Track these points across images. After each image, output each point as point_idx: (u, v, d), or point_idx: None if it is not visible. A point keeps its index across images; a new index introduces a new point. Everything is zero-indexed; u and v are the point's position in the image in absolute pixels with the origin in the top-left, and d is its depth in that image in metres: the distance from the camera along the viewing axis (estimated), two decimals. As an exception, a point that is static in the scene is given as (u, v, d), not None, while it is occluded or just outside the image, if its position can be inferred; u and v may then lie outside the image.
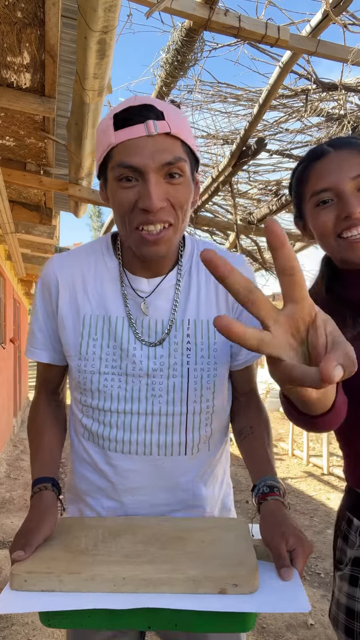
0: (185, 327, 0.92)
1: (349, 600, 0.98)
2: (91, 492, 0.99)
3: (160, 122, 0.78)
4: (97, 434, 0.95)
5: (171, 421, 0.92)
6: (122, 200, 0.81)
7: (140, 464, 0.94)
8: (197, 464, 0.96)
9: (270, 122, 3.27)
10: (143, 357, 0.91)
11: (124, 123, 0.78)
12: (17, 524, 4.09)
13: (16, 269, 6.59)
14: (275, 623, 2.66)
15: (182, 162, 0.81)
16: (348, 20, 2.27)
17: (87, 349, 0.91)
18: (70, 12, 1.99)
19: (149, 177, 0.78)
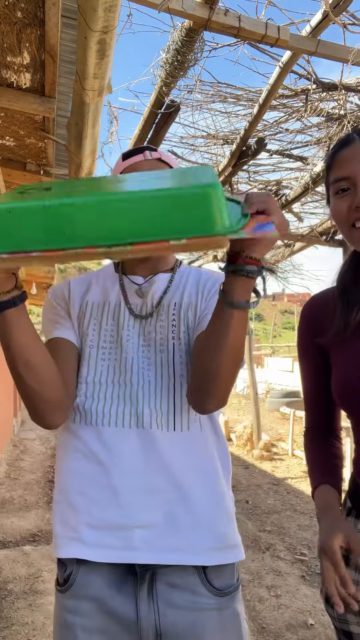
0: (172, 308, 1.05)
1: None
2: (80, 486, 0.97)
3: (154, 153, 1.07)
4: (89, 411, 0.98)
5: (160, 393, 0.98)
6: None
7: (132, 439, 0.95)
8: (189, 445, 0.98)
9: (270, 122, 3.27)
10: (135, 333, 1.03)
11: (129, 155, 1.07)
12: (17, 524, 4.10)
13: (16, 269, 6.58)
14: (275, 623, 2.66)
15: None
16: (348, 20, 2.27)
17: (87, 326, 1.04)
18: (70, 12, 1.99)
19: None
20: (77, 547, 0.95)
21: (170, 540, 0.94)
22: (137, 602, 0.93)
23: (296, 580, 3.17)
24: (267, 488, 5.24)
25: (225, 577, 0.98)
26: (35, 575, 3.15)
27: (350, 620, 1.02)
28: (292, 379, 13.53)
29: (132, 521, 0.94)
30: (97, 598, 0.94)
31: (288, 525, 4.16)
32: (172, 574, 0.95)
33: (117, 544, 0.93)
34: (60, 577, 0.99)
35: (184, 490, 0.96)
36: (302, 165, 3.80)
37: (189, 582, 0.95)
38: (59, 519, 1.00)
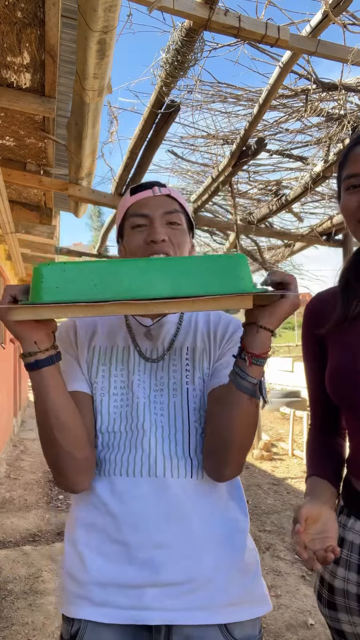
0: (184, 352, 1.04)
1: (330, 576, 1.05)
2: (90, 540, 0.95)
3: (163, 188, 1.05)
4: (102, 460, 0.97)
5: (173, 439, 0.96)
6: (136, 240, 1.01)
7: (144, 489, 0.92)
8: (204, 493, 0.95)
9: (270, 122, 3.27)
10: (146, 378, 1.00)
11: (137, 191, 1.06)
12: (17, 524, 4.10)
13: (16, 269, 6.59)
14: (275, 623, 2.66)
15: (180, 214, 1.04)
16: (348, 20, 2.27)
17: (96, 373, 1.01)
18: (70, 12, 1.99)
19: (154, 219, 1.01)
20: (86, 608, 0.92)
21: (184, 599, 0.90)
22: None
23: (296, 580, 3.17)
24: (267, 488, 5.24)
25: (247, 628, 0.93)
26: (35, 575, 3.15)
27: (342, 619, 1.03)
28: (292, 379, 13.53)
29: (143, 579, 0.90)
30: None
31: (288, 525, 4.16)
32: (189, 628, 0.90)
33: (127, 604, 0.90)
34: (66, 633, 0.95)
35: (197, 543, 0.92)
36: (302, 165, 3.80)
37: (208, 636, 0.91)
38: (67, 572, 0.97)
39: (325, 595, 1.05)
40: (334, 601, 1.03)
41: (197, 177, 4.24)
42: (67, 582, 0.97)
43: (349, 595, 1.00)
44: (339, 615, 1.03)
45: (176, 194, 1.07)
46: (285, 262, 6.23)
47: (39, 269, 0.79)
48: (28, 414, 10.37)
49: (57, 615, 2.72)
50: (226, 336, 1.05)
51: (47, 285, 0.77)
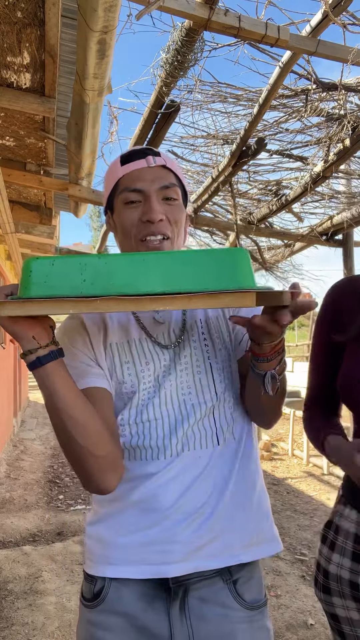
0: (198, 326, 1.02)
1: (325, 562, 1.12)
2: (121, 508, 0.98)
3: (158, 158, 0.98)
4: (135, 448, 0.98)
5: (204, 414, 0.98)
6: (129, 217, 0.97)
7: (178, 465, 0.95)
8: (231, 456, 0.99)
9: (270, 122, 3.26)
10: (170, 365, 0.99)
11: (128, 159, 0.98)
12: (17, 524, 4.10)
13: (16, 269, 6.59)
14: (275, 623, 2.66)
15: (176, 187, 0.98)
16: (348, 21, 2.27)
17: (122, 372, 0.99)
18: (70, 12, 1.99)
19: (150, 196, 0.95)
20: (111, 567, 0.96)
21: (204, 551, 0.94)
22: (169, 618, 0.94)
23: (296, 580, 3.17)
24: (267, 488, 5.25)
25: (253, 591, 0.99)
26: (35, 575, 3.15)
27: (336, 604, 1.09)
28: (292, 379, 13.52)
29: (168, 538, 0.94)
30: (128, 613, 0.95)
31: (288, 525, 4.16)
32: (203, 589, 0.96)
33: (154, 560, 0.94)
34: (88, 592, 0.99)
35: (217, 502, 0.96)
36: (302, 165, 3.80)
37: (219, 596, 0.96)
38: (93, 534, 1.01)
39: (321, 580, 1.12)
40: (329, 586, 1.10)
41: (197, 177, 4.23)
42: (93, 546, 1.00)
43: (342, 581, 1.06)
44: (333, 600, 1.09)
45: (172, 163, 1.01)
46: (285, 262, 6.23)
47: (27, 263, 0.76)
48: (28, 414, 10.37)
49: (57, 615, 2.72)
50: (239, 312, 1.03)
51: (35, 280, 0.74)
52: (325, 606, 1.12)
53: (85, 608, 0.99)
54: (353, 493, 1.08)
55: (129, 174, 0.97)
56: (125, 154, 1.00)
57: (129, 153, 1.00)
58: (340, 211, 4.62)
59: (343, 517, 1.10)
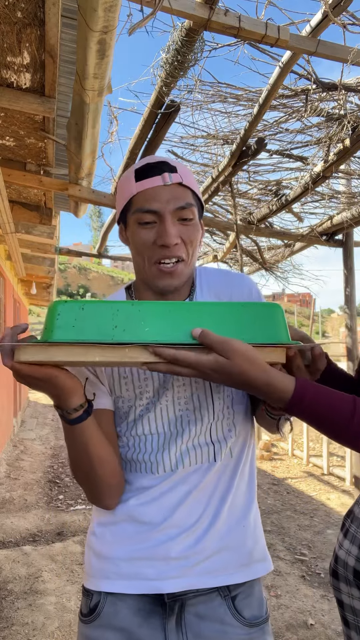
0: None
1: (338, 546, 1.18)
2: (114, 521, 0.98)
3: (174, 174, 0.93)
4: (131, 460, 0.98)
5: (200, 430, 0.96)
6: (143, 239, 0.94)
7: (172, 479, 0.95)
8: (225, 471, 0.98)
9: (270, 122, 3.26)
10: (167, 378, 0.98)
11: (144, 175, 0.94)
12: (17, 524, 4.09)
13: (16, 269, 6.59)
14: (275, 623, 2.66)
15: (192, 207, 0.95)
16: (348, 21, 2.27)
17: (120, 387, 0.98)
18: (70, 12, 1.99)
19: (166, 219, 0.92)
20: (107, 581, 0.96)
21: (199, 567, 0.94)
22: (165, 634, 0.93)
23: (296, 580, 3.17)
24: (267, 488, 5.24)
25: (253, 607, 0.96)
26: (35, 575, 3.15)
27: (342, 590, 1.12)
28: (292, 379, 13.52)
29: (164, 554, 0.94)
30: (124, 628, 0.94)
31: (288, 525, 4.16)
32: (200, 605, 0.94)
33: (148, 575, 0.93)
34: (85, 607, 0.99)
35: (214, 519, 0.96)
36: (302, 165, 3.80)
37: (217, 613, 0.94)
38: (91, 547, 1.01)
39: (332, 564, 1.17)
40: (337, 570, 1.15)
41: (197, 177, 4.23)
42: (91, 557, 1.00)
43: (347, 567, 1.10)
44: (340, 585, 1.14)
45: (188, 178, 0.96)
46: (285, 262, 6.23)
47: (54, 305, 0.72)
48: (28, 414, 10.37)
49: (57, 615, 2.72)
50: None
51: (62, 323, 0.70)
52: (334, 591, 1.16)
53: (82, 623, 0.98)
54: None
55: (144, 192, 0.93)
56: (140, 168, 0.96)
57: (144, 167, 0.95)
58: (340, 211, 4.62)
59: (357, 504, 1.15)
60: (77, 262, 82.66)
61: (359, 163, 3.92)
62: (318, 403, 0.75)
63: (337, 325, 59.60)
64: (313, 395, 0.75)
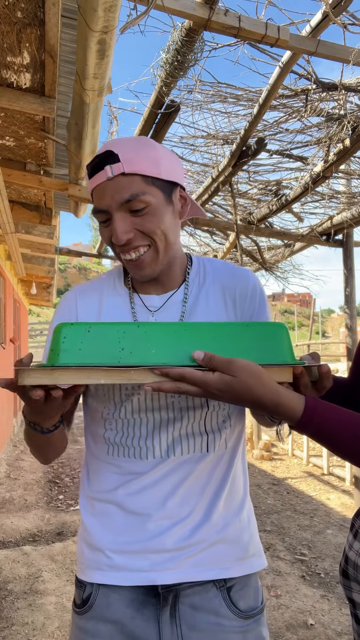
0: None
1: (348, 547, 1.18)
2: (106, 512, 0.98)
3: (116, 165, 0.87)
4: (120, 444, 0.97)
5: (190, 420, 0.95)
6: (105, 236, 0.94)
7: (162, 468, 0.94)
8: (216, 464, 0.97)
9: (270, 122, 3.26)
10: None
11: (93, 171, 0.90)
12: (17, 524, 4.09)
13: (16, 269, 6.59)
14: (275, 623, 2.66)
15: (143, 196, 0.88)
16: (348, 21, 2.27)
17: None
18: (70, 12, 1.99)
19: (113, 216, 0.89)
20: (99, 572, 0.95)
21: (194, 559, 0.93)
22: (159, 625, 0.91)
23: (296, 580, 3.16)
24: (267, 488, 5.24)
25: (249, 598, 0.95)
26: (35, 575, 3.14)
27: (354, 588, 1.12)
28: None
29: (157, 546, 0.93)
30: (116, 620, 0.93)
31: (288, 525, 4.16)
32: (194, 596, 0.93)
33: (140, 567, 0.92)
34: (78, 597, 0.98)
35: (209, 511, 0.95)
36: (302, 165, 3.80)
37: (212, 604, 0.93)
38: (84, 539, 1.00)
39: (342, 564, 1.17)
40: (347, 570, 1.15)
41: (197, 177, 4.23)
42: (83, 548, 1.00)
43: (357, 568, 1.10)
44: (351, 584, 1.14)
45: (134, 163, 0.87)
46: (285, 262, 6.23)
47: (59, 328, 0.71)
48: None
49: (57, 615, 2.72)
50: (247, 299, 1.01)
51: (69, 346, 0.70)
52: (344, 590, 1.16)
53: (75, 614, 0.98)
54: None
55: (95, 190, 0.91)
56: (90, 163, 0.92)
57: (92, 163, 0.91)
58: (340, 211, 4.62)
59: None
60: (77, 262, 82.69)
61: (359, 163, 3.92)
62: (328, 422, 0.74)
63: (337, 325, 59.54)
64: (322, 414, 0.74)
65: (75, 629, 0.97)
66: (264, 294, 1.06)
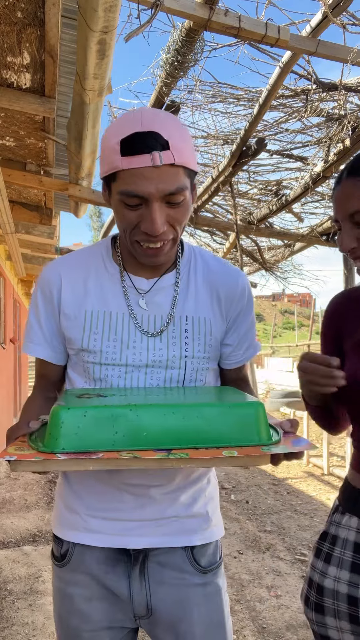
0: (183, 322, 0.99)
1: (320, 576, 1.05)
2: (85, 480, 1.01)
3: (165, 153, 0.81)
4: None
5: None
6: (127, 219, 0.87)
7: None
8: None
9: (270, 122, 3.27)
10: (143, 349, 0.97)
11: (131, 150, 0.81)
12: (17, 524, 4.10)
13: (16, 269, 6.59)
14: (276, 623, 2.66)
15: (184, 190, 0.86)
16: (348, 21, 2.27)
17: (88, 342, 0.97)
18: (70, 12, 1.99)
19: (152, 205, 0.84)
20: (77, 533, 1.01)
21: (165, 528, 1.00)
22: (130, 581, 0.99)
23: (296, 581, 3.16)
24: (267, 488, 5.24)
25: (209, 555, 1.04)
26: (35, 576, 3.15)
27: (329, 624, 1.00)
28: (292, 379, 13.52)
29: (132, 515, 0.99)
30: (91, 573, 1.00)
31: (288, 525, 4.16)
32: (162, 555, 1.00)
33: (115, 531, 0.99)
34: (57, 551, 1.05)
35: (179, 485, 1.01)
36: (302, 165, 3.80)
37: (177, 561, 1.01)
38: (62, 499, 1.05)
39: (313, 597, 1.03)
40: (322, 603, 1.01)
41: (197, 177, 4.24)
42: (60, 506, 1.05)
43: (339, 596, 0.98)
44: (326, 620, 1.01)
45: (182, 154, 0.83)
46: (285, 262, 6.23)
47: (57, 413, 0.74)
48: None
49: (57, 615, 2.71)
50: (234, 300, 1.02)
51: (66, 431, 0.73)
52: (317, 627, 1.03)
53: (55, 565, 1.05)
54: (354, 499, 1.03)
55: (130, 172, 0.82)
56: (126, 139, 0.82)
57: (130, 139, 0.82)
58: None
59: (340, 526, 1.03)
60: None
61: (359, 163, 3.92)
62: None
63: (337, 325, 59.17)
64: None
65: (56, 579, 1.04)
66: (252, 296, 1.07)
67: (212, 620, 1.01)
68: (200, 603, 1.00)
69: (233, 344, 1.04)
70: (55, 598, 1.05)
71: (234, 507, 4.54)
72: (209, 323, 1.00)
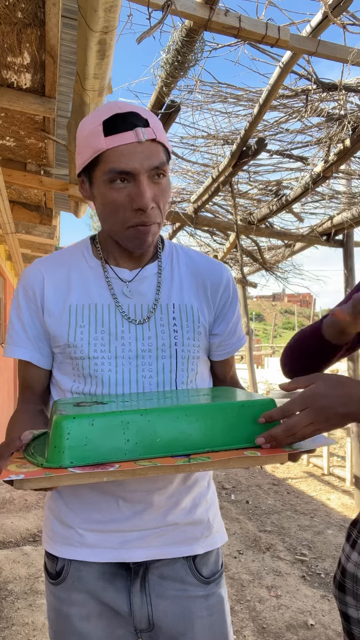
0: (170, 310, 0.98)
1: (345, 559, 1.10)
2: (78, 491, 0.97)
3: (147, 130, 0.86)
4: None
5: None
6: (118, 201, 0.88)
7: None
8: None
9: (270, 122, 3.26)
10: (132, 339, 0.95)
11: (114, 129, 0.85)
12: (17, 524, 4.09)
13: (16, 269, 6.59)
14: (276, 623, 2.66)
15: (165, 165, 0.89)
16: (348, 21, 2.27)
17: (74, 336, 0.95)
18: (70, 12, 1.99)
19: (141, 179, 0.86)
20: (72, 549, 0.97)
21: (164, 538, 0.97)
22: (130, 595, 0.96)
23: (296, 581, 3.16)
24: (267, 488, 5.24)
25: (211, 564, 1.01)
26: (35, 576, 3.14)
27: (349, 603, 1.07)
28: (292, 379, 13.50)
29: (129, 526, 0.95)
30: (89, 590, 0.96)
31: (288, 525, 4.16)
32: (163, 567, 0.98)
33: (112, 545, 0.95)
34: (51, 568, 1.00)
35: (179, 495, 0.98)
36: (303, 165, 3.80)
37: (179, 573, 0.98)
38: (54, 515, 1.01)
39: (338, 577, 1.11)
40: (344, 584, 1.08)
41: (197, 177, 4.24)
42: (53, 522, 1.00)
43: (357, 581, 1.04)
44: (346, 599, 1.08)
45: (160, 132, 0.89)
46: (285, 262, 6.23)
47: (61, 423, 0.67)
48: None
49: (57, 615, 2.71)
50: (220, 290, 1.02)
51: (73, 443, 0.66)
52: (339, 604, 1.11)
53: (49, 583, 1.00)
54: None
55: (115, 150, 0.85)
56: (109, 119, 0.86)
57: (112, 119, 0.85)
58: (340, 211, 4.62)
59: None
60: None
61: (359, 163, 3.92)
62: None
63: (337, 325, 59.34)
64: None
65: (51, 596, 1.00)
66: (237, 290, 1.08)
67: (215, 633, 0.99)
68: (203, 616, 0.98)
69: (222, 334, 1.04)
70: (50, 615, 1.00)
71: (234, 507, 4.54)
72: (197, 311, 0.99)
